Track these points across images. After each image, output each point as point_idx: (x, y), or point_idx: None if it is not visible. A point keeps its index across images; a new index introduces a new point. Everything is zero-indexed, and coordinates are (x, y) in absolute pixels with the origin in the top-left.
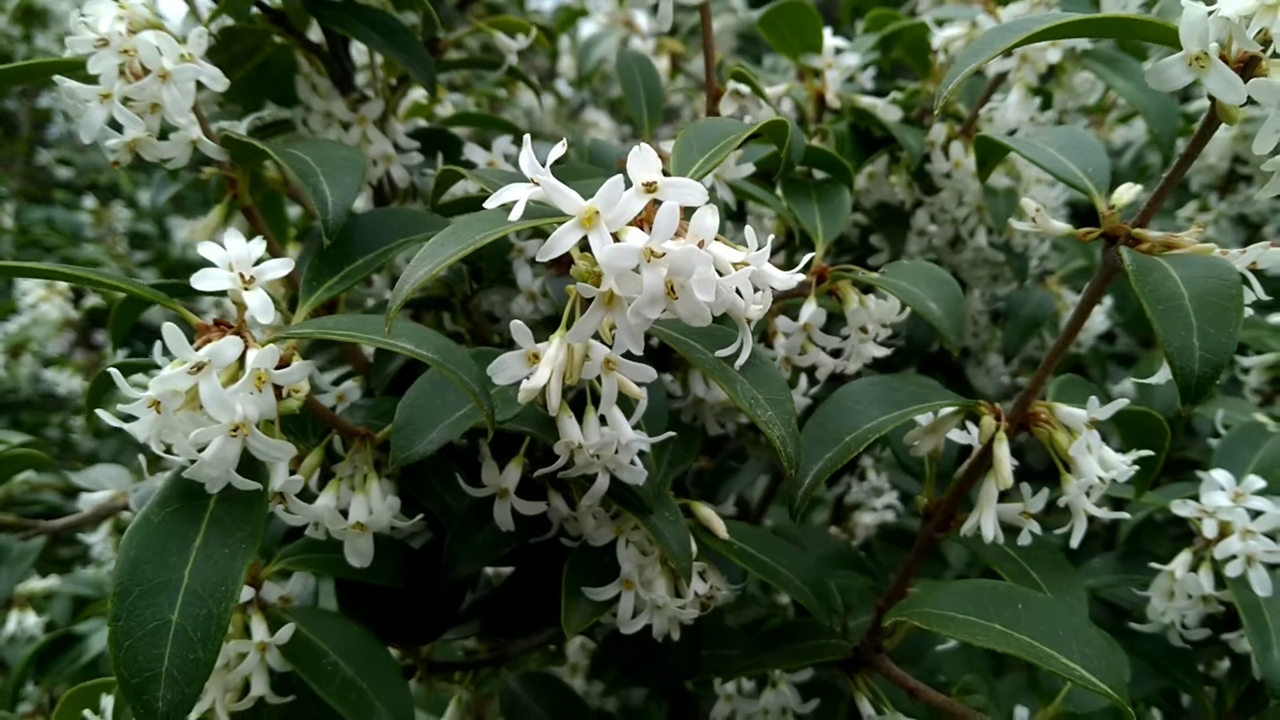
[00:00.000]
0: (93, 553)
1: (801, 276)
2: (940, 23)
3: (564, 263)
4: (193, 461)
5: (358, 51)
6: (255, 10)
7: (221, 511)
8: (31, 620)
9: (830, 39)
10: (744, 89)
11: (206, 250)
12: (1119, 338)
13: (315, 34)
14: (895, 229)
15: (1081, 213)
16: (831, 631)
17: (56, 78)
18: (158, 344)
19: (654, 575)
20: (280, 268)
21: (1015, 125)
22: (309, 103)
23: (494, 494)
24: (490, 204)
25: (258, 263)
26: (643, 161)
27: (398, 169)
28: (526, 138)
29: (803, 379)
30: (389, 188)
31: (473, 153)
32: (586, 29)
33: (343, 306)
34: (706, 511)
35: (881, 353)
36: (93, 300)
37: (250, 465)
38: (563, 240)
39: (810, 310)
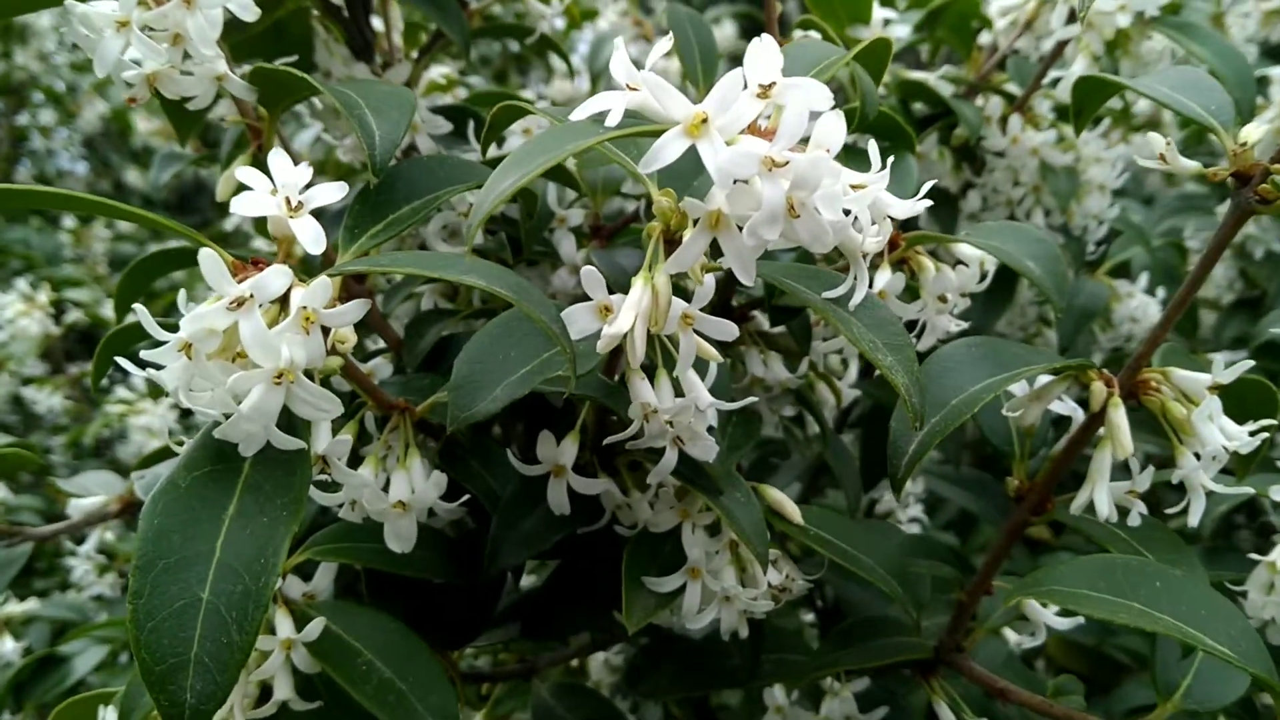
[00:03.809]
0: (73, 576)
1: (928, 203)
2: None
3: (607, 233)
4: (227, 416)
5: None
6: None
7: (258, 476)
8: (10, 645)
9: (879, 10)
10: (815, 35)
11: (244, 174)
12: None
13: None
14: (944, 213)
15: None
16: (911, 628)
17: (68, 3)
18: (181, 293)
19: (722, 564)
20: (334, 192)
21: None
22: (328, 68)
23: (547, 473)
24: (578, 115)
25: (306, 188)
26: (763, 56)
27: (423, 139)
28: (619, 39)
29: (852, 366)
30: None
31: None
32: (582, 44)
33: None
34: (776, 494)
35: (957, 326)
36: (74, 316)
37: (289, 427)
38: (668, 149)
39: (886, 277)
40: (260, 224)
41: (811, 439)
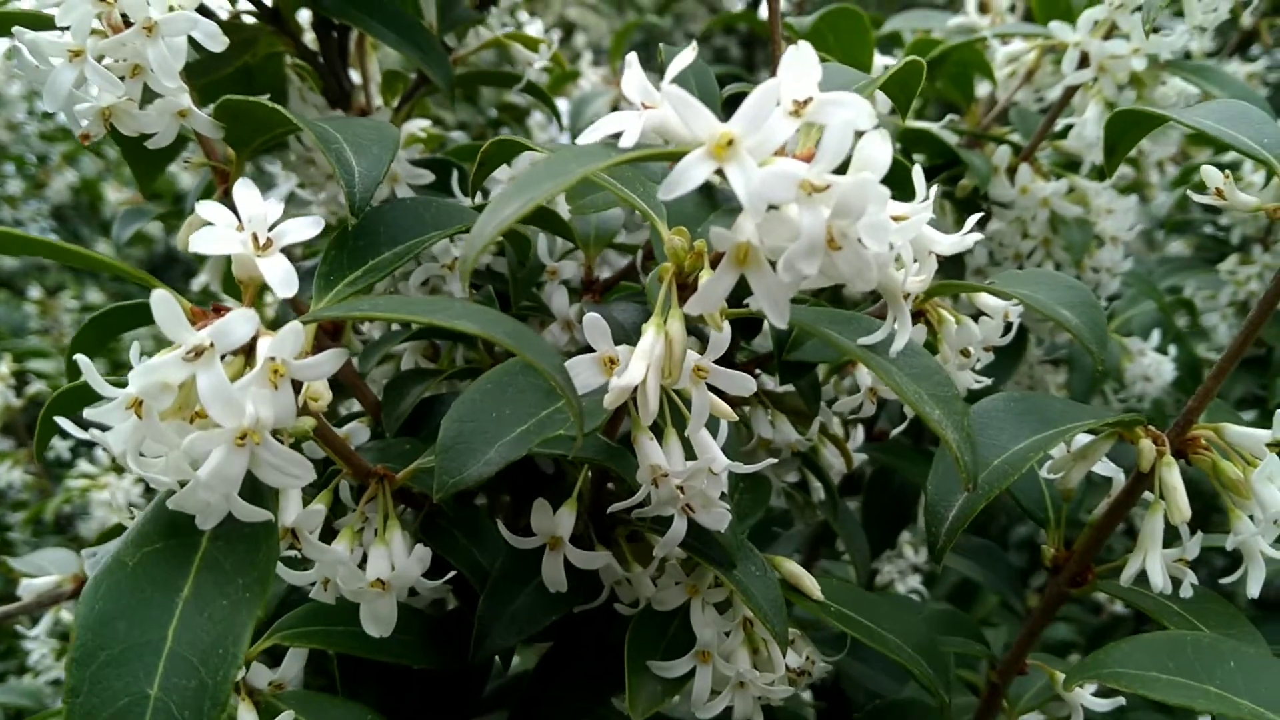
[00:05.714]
0: (30, 660)
1: (978, 235)
2: (1005, 39)
3: (600, 288)
4: (182, 484)
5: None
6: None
7: (217, 552)
8: None
9: (880, 57)
10: None
11: (206, 210)
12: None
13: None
14: (950, 268)
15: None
16: (935, 712)
17: (16, 30)
18: (134, 345)
19: (735, 645)
20: (309, 227)
21: (1094, 142)
22: (303, 114)
23: (541, 546)
24: (586, 139)
25: (276, 224)
26: (801, 67)
27: (403, 189)
28: (632, 55)
29: (859, 432)
30: None
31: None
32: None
33: None
34: (792, 567)
35: (979, 383)
36: (37, 387)
37: (253, 496)
38: (692, 173)
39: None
40: (227, 284)
41: (816, 505)
